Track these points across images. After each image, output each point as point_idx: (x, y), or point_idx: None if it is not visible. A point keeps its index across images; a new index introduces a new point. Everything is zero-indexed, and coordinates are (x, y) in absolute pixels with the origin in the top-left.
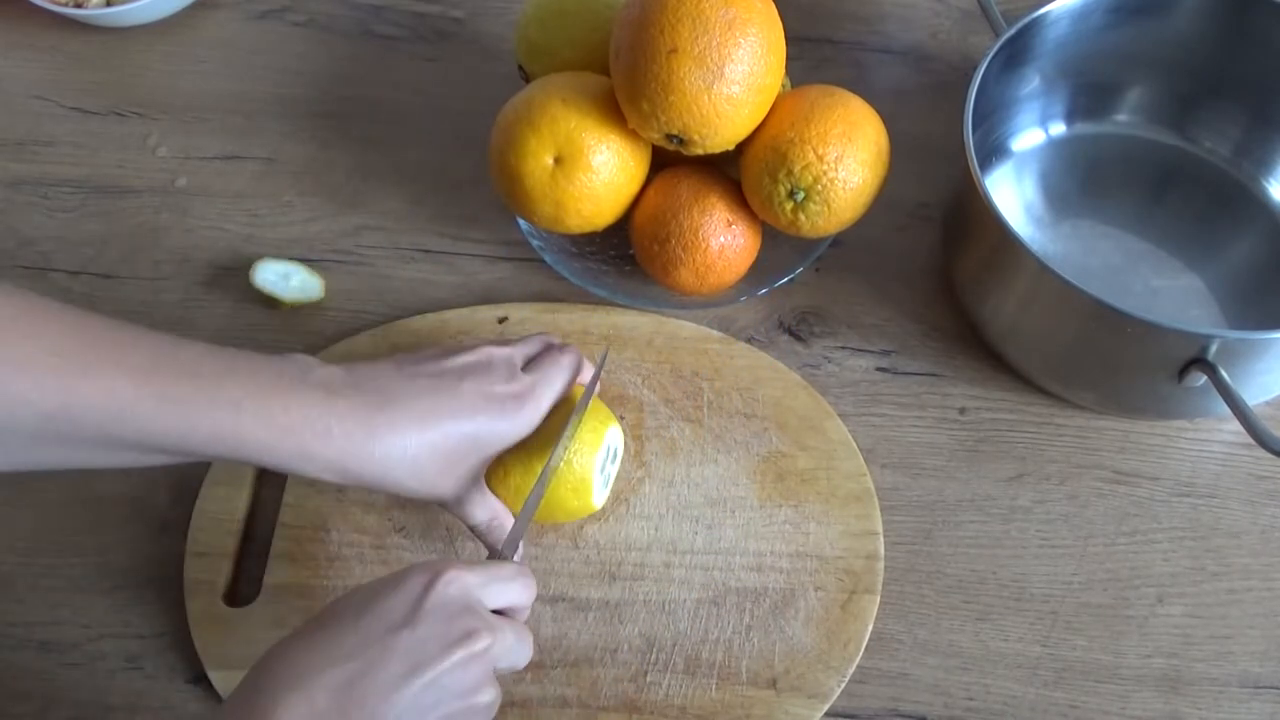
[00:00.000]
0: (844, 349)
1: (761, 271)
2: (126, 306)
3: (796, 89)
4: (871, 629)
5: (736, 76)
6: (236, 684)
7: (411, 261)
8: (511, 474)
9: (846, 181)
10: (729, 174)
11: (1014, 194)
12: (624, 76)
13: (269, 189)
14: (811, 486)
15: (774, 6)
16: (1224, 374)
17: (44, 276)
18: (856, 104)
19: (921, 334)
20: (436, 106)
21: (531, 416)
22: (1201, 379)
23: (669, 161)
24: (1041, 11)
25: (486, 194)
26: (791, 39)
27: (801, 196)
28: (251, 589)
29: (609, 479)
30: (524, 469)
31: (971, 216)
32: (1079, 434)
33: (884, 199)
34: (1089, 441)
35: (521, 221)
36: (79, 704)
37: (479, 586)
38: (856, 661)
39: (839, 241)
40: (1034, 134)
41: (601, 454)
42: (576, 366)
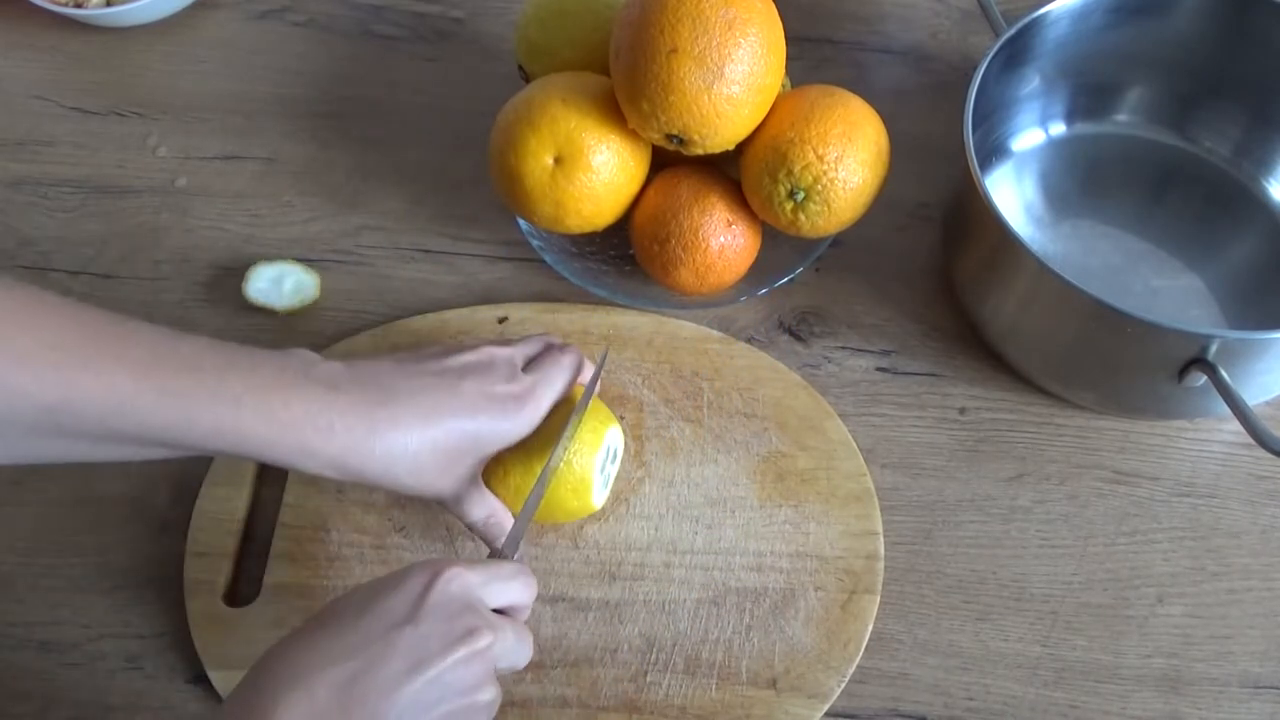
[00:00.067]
0: (844, 349)
1: (761, 271)
2: (126, 307)
3: (796, 89)
4: (871, 629)
5: (736, 76)
6: (236, 684)
7: (411, 261)
8: (511, 474)
9: (846, 181)
10: (729, 174)
11: (1014, 194)
12: (624, 76)
13: (269, 189)
14: (811, 486)
15: (774, 6)
16: (1224, 374)
17: (44, 276)
18: (856, 104)
19: (921, 334)
20: (436, 106)
21: (532, 416)
22: (1201, 379)
23: (669, 161)
24: (1041, 11)
25: (486, 194)
26: (791, 39)
27: (801, 196)
28: (251, 589)
29: (609, 479)
30: (524, 469)
31: (971, 216)
32: (1079, 434)
33: (884, 199)
34: (1089, 441)
35: (521, 221)
36: (79, 704)
37: (480, 585)
38: (856, 661)
39: (839, 241)
40: (1034, 134)
41: (601, 454)
42: (577, 367)
